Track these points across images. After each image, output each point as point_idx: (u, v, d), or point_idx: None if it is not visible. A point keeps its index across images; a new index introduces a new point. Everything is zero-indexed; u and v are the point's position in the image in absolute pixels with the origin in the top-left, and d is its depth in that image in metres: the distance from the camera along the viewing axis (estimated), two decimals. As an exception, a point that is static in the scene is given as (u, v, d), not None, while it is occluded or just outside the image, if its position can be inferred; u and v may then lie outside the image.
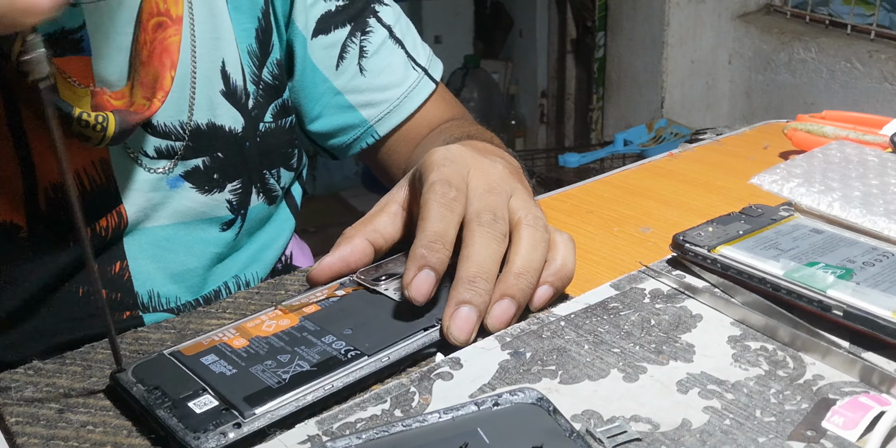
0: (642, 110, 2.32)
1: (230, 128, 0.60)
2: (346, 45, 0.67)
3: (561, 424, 0.37)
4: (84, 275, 0.57)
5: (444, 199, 0.46)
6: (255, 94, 0.62)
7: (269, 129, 0.64)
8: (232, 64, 0.60)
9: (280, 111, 0.65)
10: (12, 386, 0.44)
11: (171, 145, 0.58)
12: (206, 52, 0.58)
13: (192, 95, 0.58)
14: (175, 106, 0.57)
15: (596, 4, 2.44)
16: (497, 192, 0.49)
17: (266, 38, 0.63)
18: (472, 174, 0.49)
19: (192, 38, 0.57)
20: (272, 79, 0.64)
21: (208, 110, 0.59)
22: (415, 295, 0.44)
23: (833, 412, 0.38)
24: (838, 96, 1.83)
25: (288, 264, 0.72)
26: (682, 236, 0.53)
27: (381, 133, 0.70)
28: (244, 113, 0.61)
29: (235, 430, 0.38)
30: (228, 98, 0.60)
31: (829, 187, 0.57)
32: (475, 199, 0.48)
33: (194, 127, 0.58)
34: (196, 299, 0.62)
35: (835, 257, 0.49)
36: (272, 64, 0.63)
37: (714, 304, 0.48)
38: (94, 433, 0.40)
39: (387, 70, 0.69)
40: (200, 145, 0.59)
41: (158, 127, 0.57)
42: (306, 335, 0.45)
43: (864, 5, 1.82)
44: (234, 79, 0.60)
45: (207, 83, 0.59)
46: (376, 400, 0.41)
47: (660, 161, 0.77)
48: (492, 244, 0.46)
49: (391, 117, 0.70)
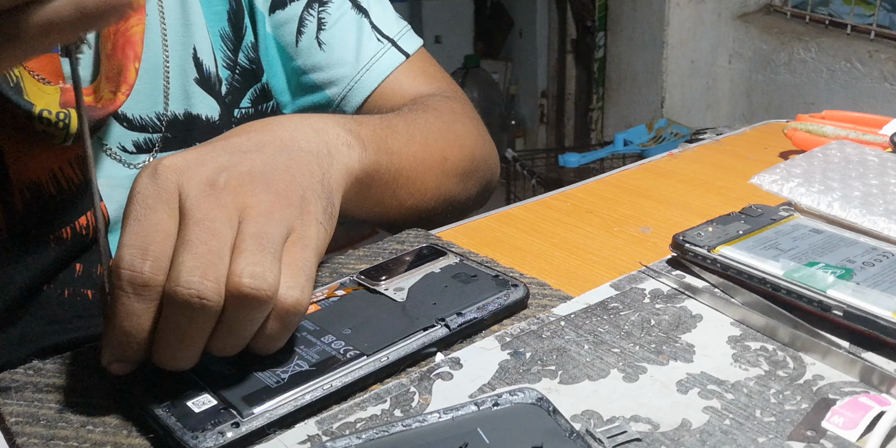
0: (642, 110, 2.32)
1: (207, 116, 0.59)
2: (304, 18, 0.63)
3: (561, 424, 0.37)
4: (68, 276, 0.56)
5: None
6: (230, 78, 0.60)
7: (247, 114, 0.62)
8: (204, 50, 0.58)
9: (260, 96, 0.63)
10: (12, 386, 0.44)
11: (149, 138, 0.57)
12: (177, 40, 0.57)
13: (167, 85, 0.57)
14: (149, 97, 0.56)
15: (596, 4, 2.44)
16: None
17: (238, 21, 0.60)
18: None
19: (161, 26, 0.56)
20: (249, 62, 0.61)
21: (184, 100, 0.58)
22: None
23: (833, 412, 0.38)
24: (838, 96, 1.83)
25: None
26: (682, 236, 0.53)
27: (350, 112, 0.65)
28: (219, 100, 0.60)
29: (234, 429, 0.38)
30: (202, 86, 0.59)
31: (828, 187, 0.57)
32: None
33: (171, 118, 0.57)
34: None
35: (835, 257, 0.49)
36: (247, 47, 0.61)
37: (714, 305, 0.48)
38: (93, 433, 0.40)
39: (345, 42, 0.64)
40: (178, 136, 0.58)
41: (135, 120, 0.56)
42: (305, 335, 0.45)
43: (864, 5, 1.82)
44: (206, 65, 0.58)
45: (181, 72, 0.57)
46: (376, 400, 0.41)
47: (660, 161, 0.77)
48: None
49: (354, 94, 0.65)
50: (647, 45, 2.23)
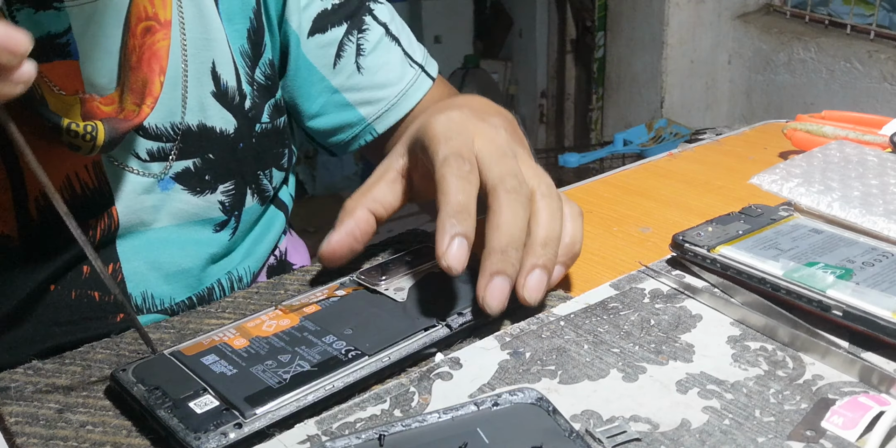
0: (642, 110, 2.33)
1: (221, 129, 0.60)
2: (343, 43, 0.67)
3: (560, 424, 0.37)
4: (75, 277, 0.56)
5: (460, 172, 0.46)
6: (252, 94, 0.62)
7: (266, 129, 0.64)
8: (223, 65, 0.60)
9: (274, 111, 0.65)
10: (12, 386, 0.44)
11: (163, 147, 0.57)
12: (196, 53, 0.58)
13: (185, 97, 0.58)
14: (167, 108, 0.57)
15: (596, 4, 2.44)
16: (509, 156, 0.49)
17: (258, 39, 0.63)
18: (479, 141, 0.49)
19: (182, 39, 0.57)
20: (265, 79, 0.64)
21: (199, 112, 0.59)
22: (452, 263, 0.44)
23: (832, 412, 0.38)
24: (838, 96, 1.83)
25: (283, 260, 0.72)
26: (682, 236, 0.53)
27: (380, 130, 0.70)
28: (238, 114, 0.61)
29: (236, 430, 0.38)
30: (219, 99, 0.60)
31: (828, 187, 0.57)
32: (492, 164, 0.48)
33: (185, 128, 0.58)
34: (189, 298, 0.62)
35: (834, 257, 0.49)
36: (264, 64, 0.63)
37: (714, 304, 0.48)
38: (93, 433, 0.40)
39: (384, 68, 0.69)
40: (191, 147, 0.59)
41: (150, 129, 0.57)
42: (307, 335, 0.45)
43: (863, 5, 1.82)
44: (225, 80, 0.60)
45: (198, 84, 0.58)
46: (376, 400, 0.41)
47: (659, 161, 0.77)
48: (520, 211, 0.46)
49: (389, 115, 0.70)
50: (646, 45, 2.23)
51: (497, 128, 0.51)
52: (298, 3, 0.64)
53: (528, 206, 0.47)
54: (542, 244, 0.46)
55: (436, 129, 0.49)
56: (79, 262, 0.56)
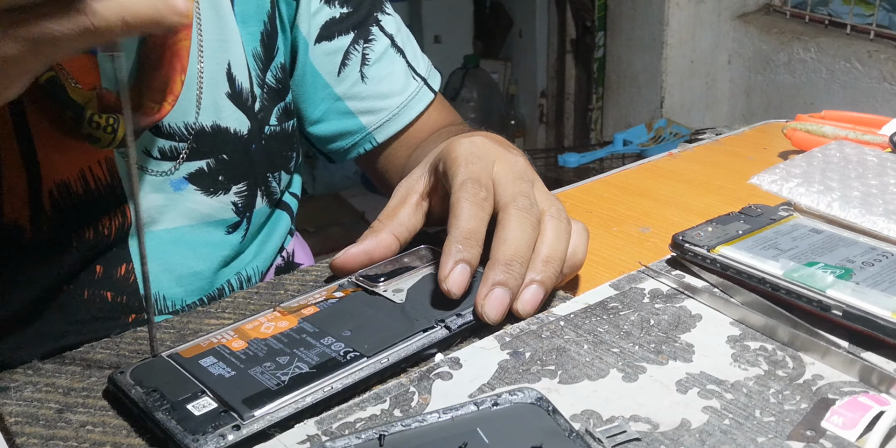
0: (642, 110, 2.32)
1: (235, 130, 0.60)
2: (349, 52, 0.68)
3: (560, 424, 0.37)
4: (88, 277, 0.56)
5: (475, 198, 0.48)
6: (261, 96, 0.63)
7: (274, 131, 0.64)
8: (238, 66, 0.60)
9: (283, 114, 0.65)
10: (11, 386, 0.44)
11: (175, 146, 0.58)
12: (212, 54, 0.59)
13: (199, 96, 0.58)
14: (181, 107, 0.57)
15: (596, 4, 2.44)
16: (526, 180, 0.50)
17: (271, 42, 0.63)
18: (498, 166, 0.51)
19: (199, 39, 0.58)
20: (276, 82, 0.64)
21: (213, 112, 0.59)
22: (452, 288, 0.45)
23: (832, 412, 0.38)
24: (838, 96, 1.83)
25: (290, 262, 0.72)
26: (682, 236, 0.53)
27: (380, 140, 0.71)
28: (250, 115, 0.62)
29: (234, 432, 0.38)
30: (234, 100, 0.60)
31: (828, 187, 0.57)
32: (507, 185, 0.49)
33: (199, 128, 0.58)
34: (200, 299, 0.62)
35: (834, 257, 0.49)
36: (276, 67, 0.64)
37: (713, 304, 0.48)
38: (93, 433, 0.40)
39: (388, 78, 0.70)
40: (205, 147, 0.59)
41: (164, 128, 0.57)
42: (305, 337, 0.45)
43: (863, 5, 1.82)
44: (239, 81, 0.60)
45: (213, 85, 0.59)
46: (375, 400, 0.41)
47: (659, 161, 0.77)
48: (528, 229, 0.47)
49: (390, 125, 0.71)
50: (646, 45, 2.23)
51: (517, 156, 0.53)
52: (309, 9, 0.65)
53: (536, 227, 0.48)
54: (545, 261, 0.47)
55: (458, 152, 0.51)
56: (91, 261, 0.56)
